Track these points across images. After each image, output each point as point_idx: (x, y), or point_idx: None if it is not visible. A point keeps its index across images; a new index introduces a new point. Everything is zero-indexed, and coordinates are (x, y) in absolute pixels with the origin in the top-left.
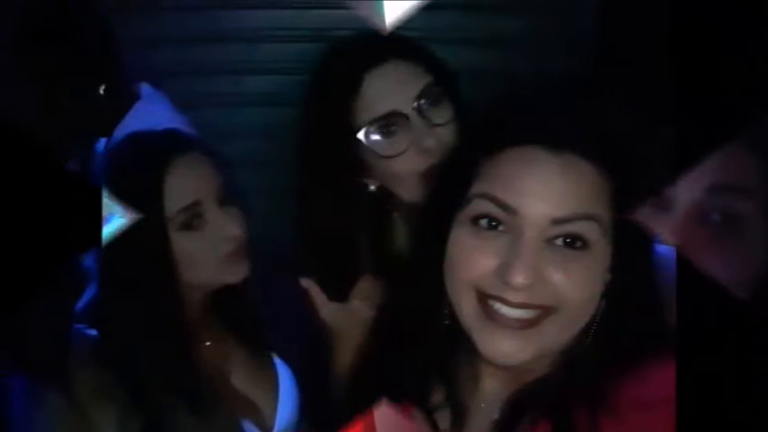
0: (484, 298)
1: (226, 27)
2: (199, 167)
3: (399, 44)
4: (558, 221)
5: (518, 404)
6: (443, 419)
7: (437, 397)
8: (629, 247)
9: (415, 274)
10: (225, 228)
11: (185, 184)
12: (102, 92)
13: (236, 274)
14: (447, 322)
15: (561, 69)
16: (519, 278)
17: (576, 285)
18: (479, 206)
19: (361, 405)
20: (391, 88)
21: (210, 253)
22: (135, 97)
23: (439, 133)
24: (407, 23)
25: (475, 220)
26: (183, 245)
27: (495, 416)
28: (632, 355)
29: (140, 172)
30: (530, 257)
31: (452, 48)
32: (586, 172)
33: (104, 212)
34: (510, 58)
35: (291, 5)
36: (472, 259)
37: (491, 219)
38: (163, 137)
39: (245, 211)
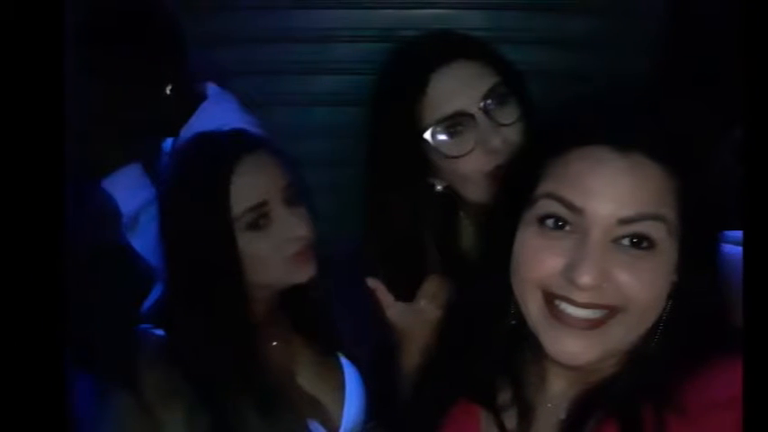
0: (550, 298)
1: (294, 27)
2: (266, 167)
3: (466, 44)
4: (624, 221)
5: (585, 404)
6: (510, 419)
7: (504, 397)
8: (696, 246)
9: (481, 274)
10: (292, 228)
11: (252, 184)
12: (168, 91)
13: (302, 274)
14: (513, 322)
15: (629, 69)
16: (586, 278)
17: (642, 285)
18: (546, 206)
19: (428, 405)
20: (458, 88)
21: (277, 253)
22: (202, 97)
23: (505, 133)
24: (474, 23)
25: (541, 220)
26: (250, 245)
27: (562, 416)
28: (699, 354)
29: (207, 172)
30: (596, 257)
31: (519, 48)
32: (653, 172)
33: None
34: (577, 58)
35: (360, 6)
36: (538, 259)
37: (557, 219)
38: (230, 136)
39: (312, 211)
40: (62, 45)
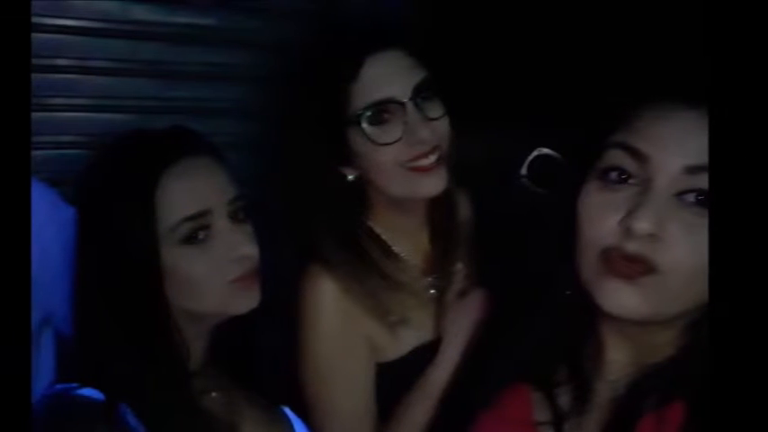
0: (605, 251)
1: None
2: (211, 173)
3: (403, 35)
4: (690, 170)
5: (646, 381)
6: (564, 398)
7: (560, 375)
8: None
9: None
10: (236, 246)
11: (192, 190)
12: None
13: (244, 303)
14: (568, 292)
15: None
16: (643, 224)
17: (693, 249)
18: (612, 157)
19: (476, 390)
20: (392, 75)
21: (216, 275)
22: None
23: (432, 126)
24: None
25: (605, 172)
26: (184, 263)
27: (621, 391)
28: None
29: (132, 171)
30: (657, 206)
31: None
32: None
33: None
34: None
35: None
36: (599, 216)
37: (621, 171)
38: (166, 133)
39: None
40: None
